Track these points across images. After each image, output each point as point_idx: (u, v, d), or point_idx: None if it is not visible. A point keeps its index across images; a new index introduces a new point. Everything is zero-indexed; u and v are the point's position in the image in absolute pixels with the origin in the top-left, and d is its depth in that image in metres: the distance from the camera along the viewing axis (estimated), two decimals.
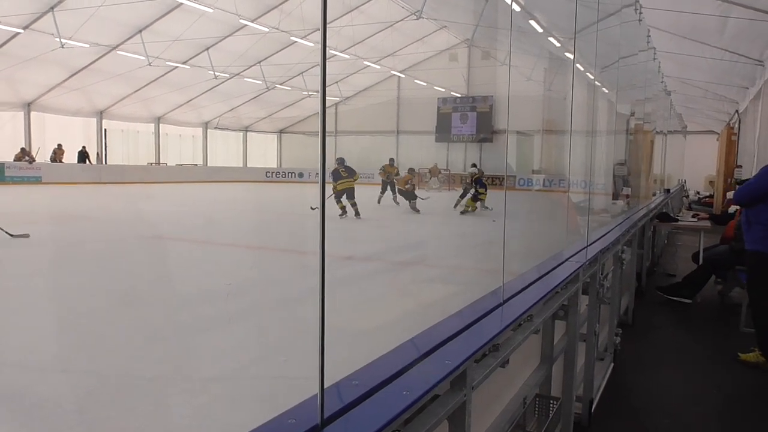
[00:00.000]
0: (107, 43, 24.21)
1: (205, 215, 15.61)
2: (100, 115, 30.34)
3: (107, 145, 30.83)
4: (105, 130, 30.70)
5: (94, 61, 25.24)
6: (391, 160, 21.14)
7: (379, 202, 18.98)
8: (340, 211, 14.76)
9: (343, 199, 14.96)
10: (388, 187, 19.11)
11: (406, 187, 17.59)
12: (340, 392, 1.21)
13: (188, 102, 32.30)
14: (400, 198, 18.12)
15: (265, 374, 4.01)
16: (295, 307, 5.78)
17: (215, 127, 36.62)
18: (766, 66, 10.36)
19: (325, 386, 1.13)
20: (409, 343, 1.57)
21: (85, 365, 4.10)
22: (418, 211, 16.94)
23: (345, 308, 5.42)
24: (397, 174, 19.84)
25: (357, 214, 14.74)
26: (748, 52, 10.14)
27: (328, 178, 21.33)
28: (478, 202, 17.14)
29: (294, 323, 5.19)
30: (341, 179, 15.07)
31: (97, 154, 30.08)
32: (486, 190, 17.23)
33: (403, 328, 4.22)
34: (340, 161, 15.74)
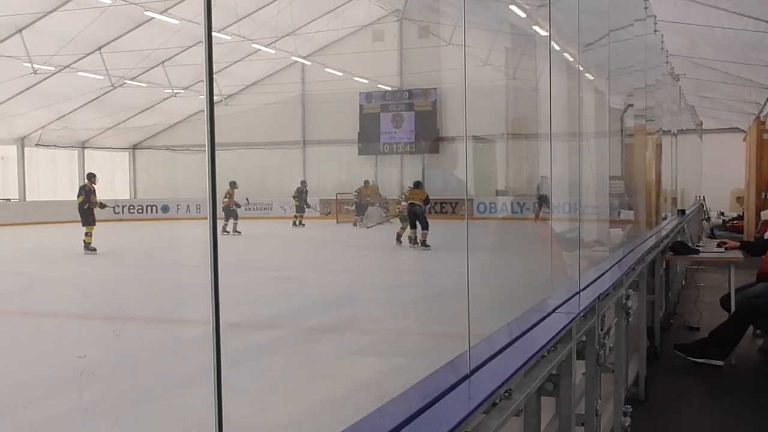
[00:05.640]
0: None
1: (26, 274, 15.16)
2: None
3: None
4: None
5: None
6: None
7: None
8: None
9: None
10: None
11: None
12: None
13: None
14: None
15: None
16: (166, 398, 5.67)
17: (36, 144, 35.63)
18: None
19: None
20: None
21: None
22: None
23: (242, 397, 5.34)
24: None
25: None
26: None
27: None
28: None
29: (167, 420, 5.09)
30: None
31: None
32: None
33: (327, 423, 4.17)
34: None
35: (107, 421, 5.54)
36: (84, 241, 18.58)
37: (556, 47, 5.64)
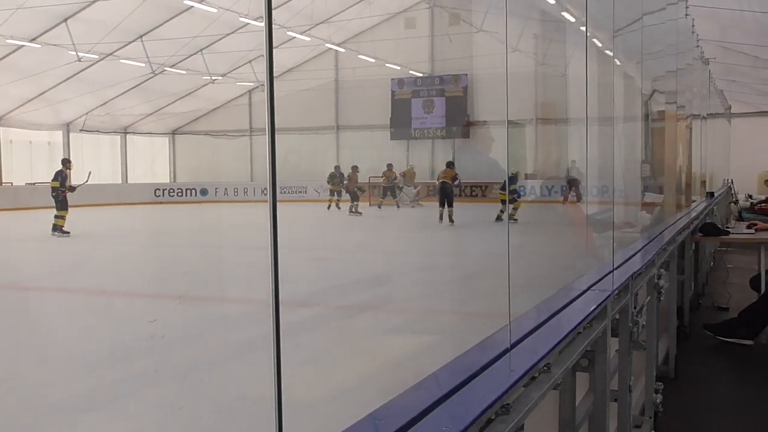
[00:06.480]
0: None
1: (75, 254, 15.35)
2: None
3: None
4: None
5: None
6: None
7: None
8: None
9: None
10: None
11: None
12: None
13: (40, 95, 31.67)
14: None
15: None
16: (211, 372, 5.76)
17: (81, 129, 35.98)
18: None
19: None
20: (385, 410, 1.54)
21: None
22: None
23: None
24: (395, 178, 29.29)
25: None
26: None
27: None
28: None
29: (210, 393, 5.15)
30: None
31: None
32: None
33: (364, 397, 4.18)
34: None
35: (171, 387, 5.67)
36: (55, 224, 18.37)
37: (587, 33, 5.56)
